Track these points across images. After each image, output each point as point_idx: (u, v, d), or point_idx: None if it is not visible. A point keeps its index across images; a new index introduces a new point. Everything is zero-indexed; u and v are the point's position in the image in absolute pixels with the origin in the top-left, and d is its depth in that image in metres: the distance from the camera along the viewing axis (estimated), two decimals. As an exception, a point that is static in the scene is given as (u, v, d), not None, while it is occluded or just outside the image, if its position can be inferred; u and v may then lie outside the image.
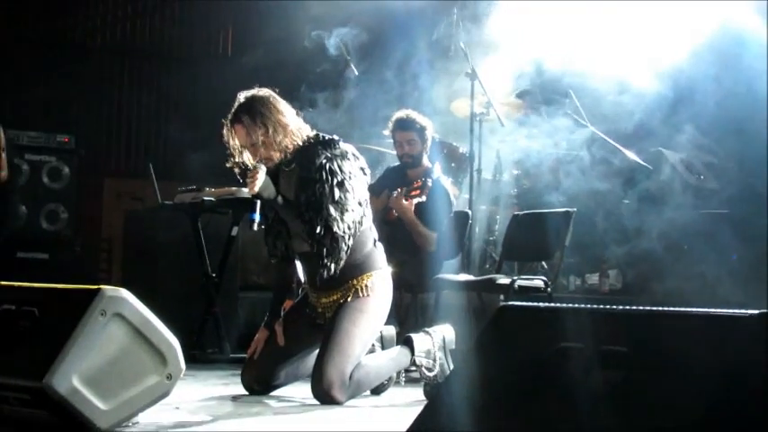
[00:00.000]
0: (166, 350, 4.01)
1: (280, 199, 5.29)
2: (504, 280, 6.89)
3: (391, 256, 5.74)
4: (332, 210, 5.16)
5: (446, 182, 7.33)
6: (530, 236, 7.38)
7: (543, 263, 8.33)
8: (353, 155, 5.38)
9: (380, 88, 9.50)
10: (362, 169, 5.40)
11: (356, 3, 9.73)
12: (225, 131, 5.38)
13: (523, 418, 3.05)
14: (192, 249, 7.81)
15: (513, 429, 3.06)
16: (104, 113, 11.80)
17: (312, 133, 5.40)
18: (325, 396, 5.04)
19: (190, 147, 11.96)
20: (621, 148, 8.80)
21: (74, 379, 3.73)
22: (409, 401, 5.37)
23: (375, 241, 5.48)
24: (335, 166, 5.24)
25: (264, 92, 5.38)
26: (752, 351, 2.69)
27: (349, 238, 5.23)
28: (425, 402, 3.77)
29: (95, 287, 3.94)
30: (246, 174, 5.28)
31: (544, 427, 2.99)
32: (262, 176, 5.18)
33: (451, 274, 7.42)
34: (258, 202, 5.26)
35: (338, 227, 5.17)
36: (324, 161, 5.24)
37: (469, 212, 7.77)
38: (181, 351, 4.07)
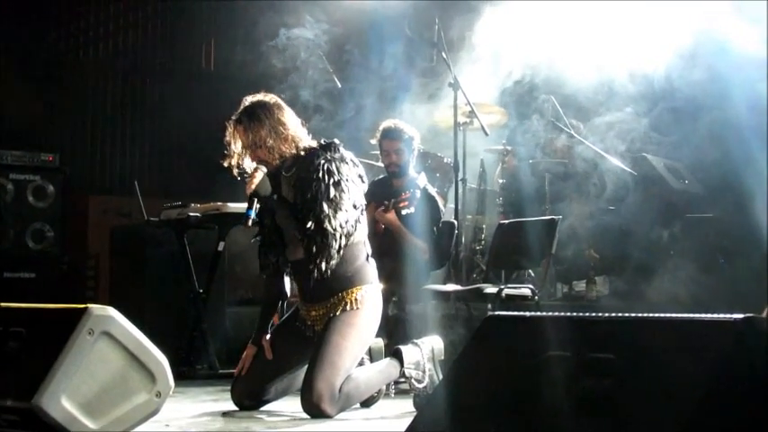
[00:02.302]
0: (155, 367, 4.01)
1: (276, 197, 5.38)
2: (491, 289, 6.89)
3: (379, 267, 5.75)
4: (325, 207, 5.21)
5: (433, 191, 7.35)
6: (516, 244, 7.39)
7: (530, 271, 8.34)
8: (352, 161, 5.46)
9: (362, 99, 9.52)
10: (360, 177, 5.46)
11: (337, 12, 9.74)
12: (228, 132, 5.49)
13: (512, 427, 3.06)
14: (179, 265, 7.82)
15: (502, 439, 3.07)
16: (88, 131, 11.79)
17: (314, 143, 5.46)
18: (314, 409, 5.04)
19: (175, 163, 11.99)
20: (605, 153, 8.82)
21: (63, 399, 3.73)
22: (399, 413, 5.37)
23: (368, 256, 5.51)
24: (333, 167, 5.31)
25: (269, 97, 5.52)
26: (736, 355, 2.71)
27: (340, 237, 5.24)
28: (415, 413, 3.78)
29: (83, 306, 3.93)
30: (244, 175, 5.43)
31: (533, 436, 3.00)
32: (260, 176, 5.32)
33: (439, 284, 7.43)
34: (255, 201, 5.34)
35: (329, 223, 5.20)
36: (322, 161, 5.31)
37: (455, 222, 7.78)
38: (169, 368, 4.07)
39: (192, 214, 7.60)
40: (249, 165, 5.46)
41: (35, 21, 11.53)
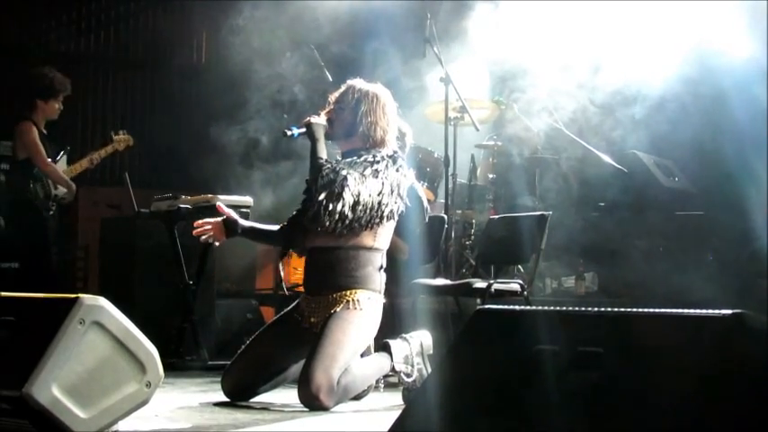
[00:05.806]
0: (145, 358, 4.03)
1: (320, 144, 5.45)
2: (480, 284, 6.89)
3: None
4: (354, 172, 5.31)
5: (420, 189, 7.32)
6: (506, 239, 7.39)
7: (519, 266, 8.35)
8: (404, 174, 5.55)
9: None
10: (401, 195, 5.51)
11: (329, 6, 9.74)
12: (340, 89, 5.65)
13: (500, 421, 3.07)
14: (169, 257, 7.82)
15: (490, 432, 3.09)
16: (79, 121, 11.78)
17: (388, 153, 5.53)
18: (313, 400, 5.04)
19: (165, 154, 11.98)
20: (595, 150, 8.83)
21: (53, 388, 3.73)
22: (389, 406, 5.39)
23: (382, 267, 5.53)
24: (382, 163, 5.41)
25: (385, 93, 5.63)
26: (724, 351, 2.72)
27: (354, 203, 5.27)
28: (404, 407, 3.79)
29: (74, 296, 3.94)
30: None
31: (521, 430, 3.01)
32: (321, 121, 5.48)
33: (428, 278, 7.43)
34: (305, 129, 5.48)
35: (349, 182, 5.26)
36: (375, 155, 5.43)
37: (445, 217, 7.78)
38: (159, 359, 4.08)
39: (182, 206, 7.60)
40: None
41: (26, 12, 11.53)
